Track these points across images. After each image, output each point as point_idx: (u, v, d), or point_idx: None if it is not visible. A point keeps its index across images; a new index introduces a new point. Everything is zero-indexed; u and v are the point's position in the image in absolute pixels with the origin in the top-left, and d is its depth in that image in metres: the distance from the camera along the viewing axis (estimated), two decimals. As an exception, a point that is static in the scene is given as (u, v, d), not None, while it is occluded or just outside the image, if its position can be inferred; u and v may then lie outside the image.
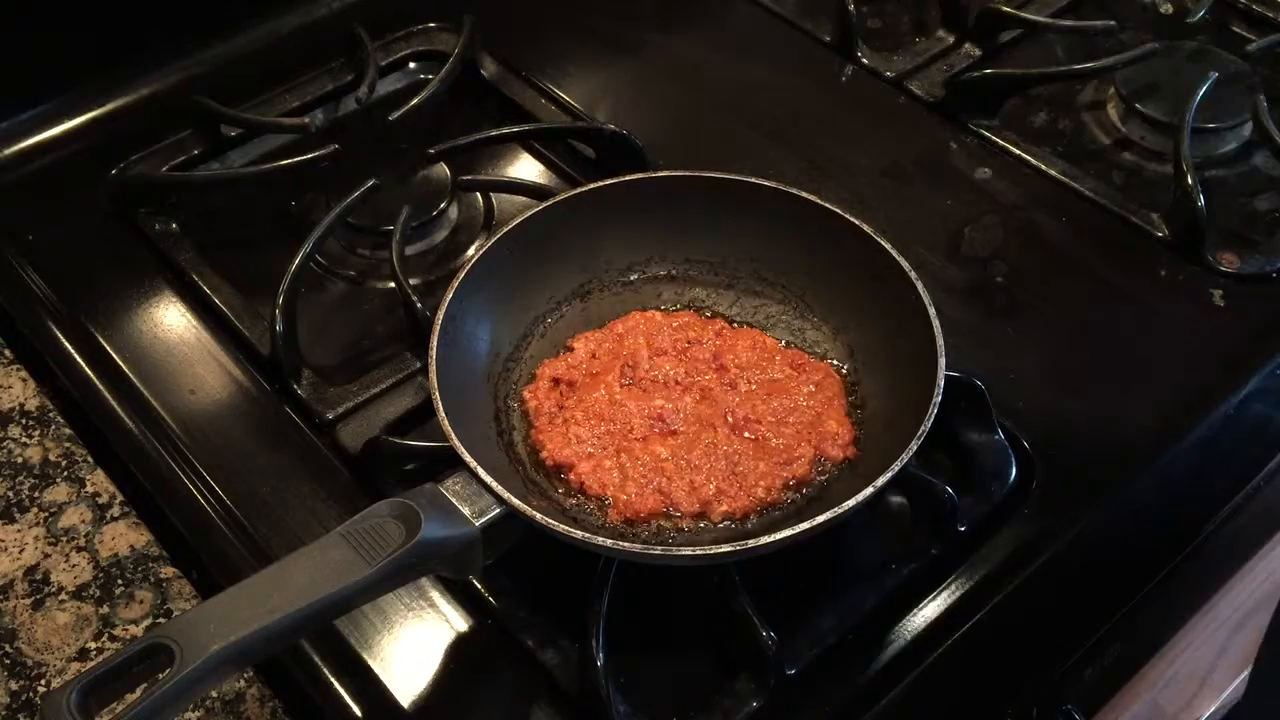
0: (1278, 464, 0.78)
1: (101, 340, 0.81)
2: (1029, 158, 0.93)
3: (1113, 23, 1.02)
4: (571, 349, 0.77)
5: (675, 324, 0.77)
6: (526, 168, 0.96)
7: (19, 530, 0.71)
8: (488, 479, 0.63)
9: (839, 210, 0.75)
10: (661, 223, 0.80)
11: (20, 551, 0.70)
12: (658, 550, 0.64)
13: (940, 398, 0.66)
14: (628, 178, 0.80)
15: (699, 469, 0.70)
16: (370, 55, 0.98)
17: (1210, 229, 0.86)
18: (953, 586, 0.69)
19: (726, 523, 0.69)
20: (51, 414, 0.77)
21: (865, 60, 1.02)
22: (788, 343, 0.78)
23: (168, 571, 0.69)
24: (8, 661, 0.65)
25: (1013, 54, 1.04)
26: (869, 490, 0.63)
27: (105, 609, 0.68)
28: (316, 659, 0.65)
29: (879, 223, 0.75)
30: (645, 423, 0.72)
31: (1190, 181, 0.86)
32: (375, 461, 0.73)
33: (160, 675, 0.53)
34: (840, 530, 0.65)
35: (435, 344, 0.69)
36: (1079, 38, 1.04)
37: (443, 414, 0.65)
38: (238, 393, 0.79)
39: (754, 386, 0.74)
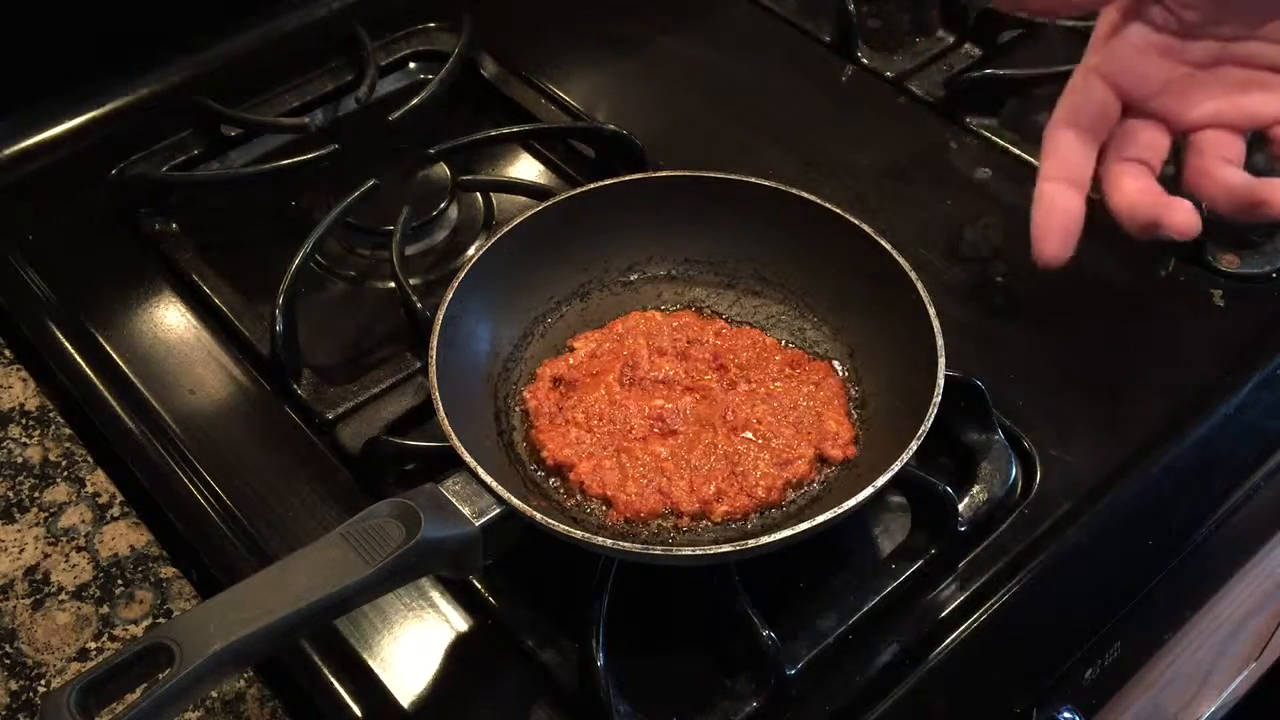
0: (1278, 464, 0.78)
1: (101, 340, 0.81)
2: (1029, 158, 0.93)
3: (1113, 23, 1.02)
4: (571, 349, 0.77)
5: (675, 324, 0.77)
6: (526, 168, 0.96)
7: (19, 530, 0.71)
8: (488, 479, 0.63)
9: (839, 210, 0.75)
10: (661, 223, 0.80)
11: (20, 551, 0.70)
12: (658, 550, 0.64)
13: (940, 398, 0.66)
14: (628, 178, 0.80)
15: (699, 469, 0.70)
16: (370, 55, 0.98)
17: (1210, 229, 0.86)
18: (952, 587, 0.69)
19: (726, 523, 0.69)
20: (51, 414, 0.77)
21: (865, 60, 1.02)
22: (787, 343, 0.77)
23: (168, 571, 0.69)
24: (8, 661, 0.65)
25: (1013, 54, 1.03)
26: (869, 490, 0.63)
27: (105, 609, 0.67)
28: (316, 659, 0.65)
29: (879, 223, 0.75)
30: (645, 423, 0.72)
31: (1190, 181, 0.86)
32: (375, 461, 0.73)
33: (160, 675, 0.53)
34: (840, 530, 0.65)
35: (435, 344, 0.69)
36: (1079, 38, 1.04)
37: (443, 414, 0.65)
38: (238, 393, 0.79)
39: (754, 386, 0.74)
